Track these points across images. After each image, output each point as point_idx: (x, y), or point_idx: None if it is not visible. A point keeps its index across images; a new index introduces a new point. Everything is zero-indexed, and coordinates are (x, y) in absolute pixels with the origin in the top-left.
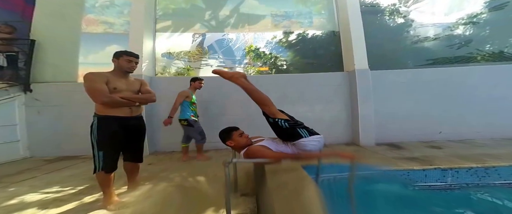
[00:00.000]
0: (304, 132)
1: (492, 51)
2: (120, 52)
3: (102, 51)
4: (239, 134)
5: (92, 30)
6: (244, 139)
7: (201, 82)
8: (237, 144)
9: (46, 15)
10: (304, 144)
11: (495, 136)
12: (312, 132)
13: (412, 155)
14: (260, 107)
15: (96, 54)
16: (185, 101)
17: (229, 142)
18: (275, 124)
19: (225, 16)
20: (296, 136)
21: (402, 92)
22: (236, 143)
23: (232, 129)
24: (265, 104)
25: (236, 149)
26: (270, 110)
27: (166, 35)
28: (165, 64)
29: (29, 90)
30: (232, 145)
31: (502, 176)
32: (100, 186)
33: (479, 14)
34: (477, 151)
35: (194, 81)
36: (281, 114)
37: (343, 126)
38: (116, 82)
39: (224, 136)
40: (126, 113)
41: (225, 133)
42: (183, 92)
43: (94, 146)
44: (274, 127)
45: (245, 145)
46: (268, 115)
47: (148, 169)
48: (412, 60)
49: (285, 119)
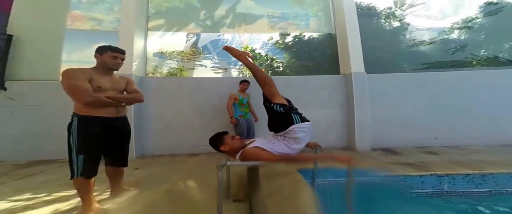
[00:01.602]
0: (296, 117)
1: (487, 56)
2: (104, 47)
3: (88, 49)
4: (231, 137)
5: (78, 27)
6: (237, 141)
7: (245, 84)
8: (231, 147)
9: (26, 9)
10: (294, 131)
11: (490, 142)
12: (303, 119)
13: (407, 161)
14: (261, 86)
15: (82, 52)
16: (234, 103)
17: (223, 147)
18: (270, 109)
19: (221, 16)
20: (289, 121)
21: (398, 97)
22: (230, 147)
23: (222, 133)
24: (267, 83)
25: (230, 153)
26: (270, 90)
27: (158, 34)
28: (156, 64)
29: (3, 89)
30: (226, 149)
31: (499, 183)
32: (78, 192)
33: (474, 19)
34: (474, 157)
35: (240, 84)
36: (279, 97)
37: (338, 130)
38: (100, 81)
39: (216, 142)
40: (112, 113)
41: (217, 138)
42: (231, 95)
43: (72, 149)
44: (269, 113)
45: (240, 148)
46: (267, 95)
47: (134, 173)
48: (408, 64)
49: (281, 104)
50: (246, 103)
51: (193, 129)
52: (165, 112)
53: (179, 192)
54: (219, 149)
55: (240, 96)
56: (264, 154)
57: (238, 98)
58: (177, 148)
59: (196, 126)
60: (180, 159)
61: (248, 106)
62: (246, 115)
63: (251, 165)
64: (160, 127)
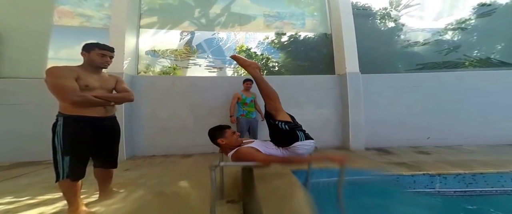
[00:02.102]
0: (301, 135)
1: (479, 57)
2: (91, 45)
3: (77, 46)
4: (232, 132)
5: (66, 23)
6: (236, 138)
7: (248, 84)
8: (228, 142)
9: (9, 4)
10: (297, 147)
11: (482, 142)
12: (307, 136)
13: (401, 160)
14: (265, 100)
15: (70, 50)
16: (237, 102)
17: (221, 140)
18: (275, 126)
19: (216, 14)
20: (293, 138)
21: (392, 97)
22: (228, 142)
23: (225, 126)
24: (272, 99)
25: (225, 149)
26: (275, 105)
27: (151, 31)
28: (149, 62)
29: None
30: (223, 143)
31: (489, 183)
32: (65, 195)
33: (467, 20)
34: (465, 157)
35: (244, 83)
36: (283, 113)
37: (333, 130)
38: (88, 79)
39: (216, 133)
40: (100, 113)
41: (218, 130)
42: (234, 94)
43: (57, 151)
44: (273, 130)
45: (236, 146)
46: (271, 111)
47: (124, 175)
48: (402, 65)
49: (286, 121)
50: (249, 102)
51: (186, 129)
52: (157, 111)
53: (171, 193)
54: (216, 141)
55: (243, 95)
56: (259, 155)
57: (241, 98)
58: (170, 149)
59: (190, 125)
60: (173, 160)
61: (253, 105)
62: (249, 115)
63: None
64: (152, 127)
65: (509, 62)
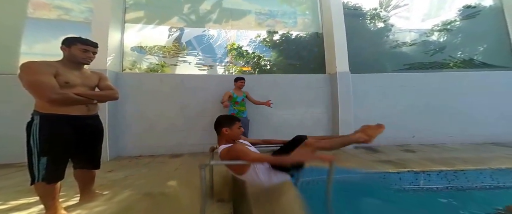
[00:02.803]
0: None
1: (463, 58)
2: (72, 39)
3: (55, 41)
4: (239, 126)
5: (42, 16)
6: (239, 133)
7: (241, 82)
8: (231, 135)
9: None
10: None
11: (465, 141)
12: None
13: (388, 158)
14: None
15: (47, 44)
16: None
17: (226, 129)
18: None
19: (206, 11)
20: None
21: (380, 96)
22: (231, 134)
23: (236, 118)
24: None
25: (224, 140)
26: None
27: (137, 27)
28: (135, 59)
29: None
30: (227, 133)
31: (469, 179)
32: (41, 199)
33: (452, 22)
34: (448, 155)
35: (236, 81)
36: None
37: (324, 128)
38: (68, 75)
39: (225, 121)
40: (82, 112)
41: (229, 119)
42: (225, 93)
43: (33, 152)
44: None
45: (234, 140)
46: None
47: (107, 176)
48: (390, 65)
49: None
50: (241, 101)
51: (175, 128)
52: (144, 109)
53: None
54: (221, 129)
55: (235, 94)
56: (251, 154)
57: (232, 96)
58: (158, 149)
59: (179, 124)
60: (161, 160)
61: (244, 104)
62: (239, 113)
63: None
64: (138, 126)
65: (491, 64)
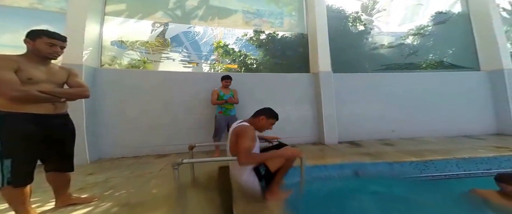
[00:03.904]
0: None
1: (434, 60)
2: (37, 32)
3: (24, 31)
4: (272, 123)
5: (12, 3)
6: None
7: (227, 81)
8: (261, 124)
9: None
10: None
11: (439, 134)
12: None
13: (367, 151)
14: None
15: (16, 34)
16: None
17: (262, 118)
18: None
19: (192, 7)
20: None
21: (361, 94)
22: (262, 124)
23: (277, 118)
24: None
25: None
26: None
27: (118, 20)
28: (115, 54)
29: None
30: (261, 122)
31: (438, 168)
32: (10, 204)
33: (425, 27)
34: (422, 147)
35: (222, 80)
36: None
37: (310, 126)
38: (32, 71)
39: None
40: (48, 110)
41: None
42: (213, 91)
43: None
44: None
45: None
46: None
47: (86, 179)
48: (369, 65)
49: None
50: (228, 99)
51: (160, 127)
52: (125, 108)
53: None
54: (260, 115)
55: (221, 92)
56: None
57: (219, 95)
58: (142, 149)
59: (163, 124)
60: (145, 160)
61: (230, 103)
62: (227, 111)
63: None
64: (120, 126)
65: (459, 65)
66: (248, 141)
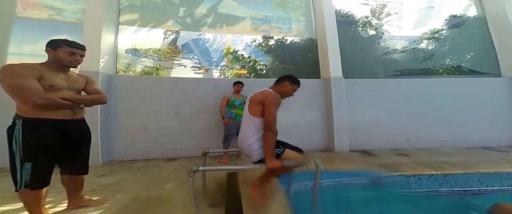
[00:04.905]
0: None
1: (451, 65)
2: (58, 41)
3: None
4: (294, 89)
5: (32, 15)
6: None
7: (239, 86)
8: (285, 90)
9: None
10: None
11: (456, 145)
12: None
13: (381, 162)
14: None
15: (35, 45)
16: (227, 104)
17: (287, 83)
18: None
19: (202, 14)
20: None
21: (373, 101)
22: (286, 90)
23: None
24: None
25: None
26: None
27: (132, 29)
28: (129, 61)
29: None
30: (285, 87)
31: (459, 183)
32: (26, 206)
33: (440, 31)
34: (439, 159)
35: (234, 85)
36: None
37: (319, 132)
38: (53, 78)
39: (292, 79)
40: (67, 116)
41: (295, 80)
42: (224, 96)
43: (16, 157)
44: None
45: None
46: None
47: (98, 181)
48: (382, 71)
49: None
50: (239, 105)
51: (170, 132)
52: (138, 113)
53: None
54: (284, 81)
55: (233, 97)
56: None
57: (230, 100)
58: (152, 152)
59: (173, 128)
60: (155, 164)
61: (242, 108)
62: (237, 117)
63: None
64: (132, 130)
65: (478, 71)
66: (276, 109)
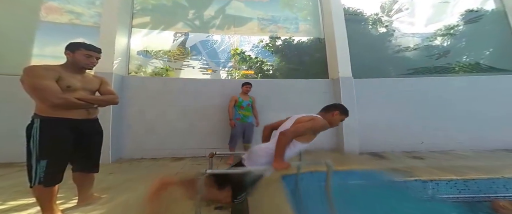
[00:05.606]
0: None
1: (469, 62)
2: (76, 44)
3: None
4: (342, 119)
5: (54, 20)
6: (337, 122)
7: (247, 87)
8: (333, 120)
9: None
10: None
11: (476, 147)
12: None
13: (394, 165)
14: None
15: (57, 47)
16: (234, 105)
17: (336, 113)
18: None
19: (210, 16)
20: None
21: (384, 101)
22: (334, 119)
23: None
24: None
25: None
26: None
27: (143, 32)
28: (140, 63)
29: None
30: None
31: (481, 189)
32: (38, 201)
33: (455, 26)
34: (458, 163)
35: (242, 86)
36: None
37: (328, 134)
38: (70, 79)
39: (341, 109)
40: (82, 115)
41: (344, 110)
42: (232, 97)
43: (32, 154)
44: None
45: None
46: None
47: (107, 179)
48: (394, 70)
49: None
50: (246, 106)
51: (177, 131)
52: (147, 112)
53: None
54: (334, 110)
55: (240, 98)
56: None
57: (238, 100)
58: (160, 152)
59: (180, 128)
60: (162, 163)
61: (250, 109)
62: (244, 119)
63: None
64: (141, 129)
65: (498, 68)
66: (313, 132)
